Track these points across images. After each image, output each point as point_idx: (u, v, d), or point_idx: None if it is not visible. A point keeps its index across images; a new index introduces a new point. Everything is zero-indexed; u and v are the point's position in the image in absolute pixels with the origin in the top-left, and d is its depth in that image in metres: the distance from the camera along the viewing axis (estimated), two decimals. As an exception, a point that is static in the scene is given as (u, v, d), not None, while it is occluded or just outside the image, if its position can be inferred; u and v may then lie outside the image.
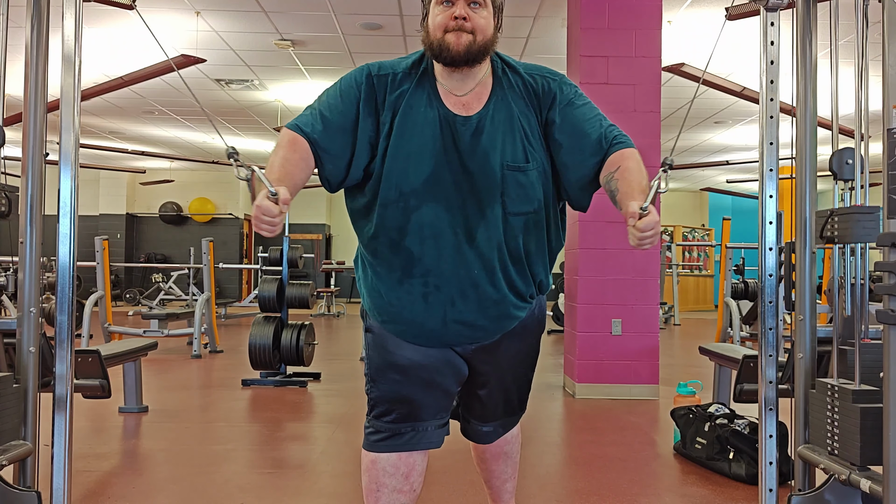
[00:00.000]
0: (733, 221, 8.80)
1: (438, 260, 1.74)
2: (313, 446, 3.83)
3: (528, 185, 1.76)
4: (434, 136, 1.73)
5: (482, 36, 1.71)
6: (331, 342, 8.94)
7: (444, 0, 1.70)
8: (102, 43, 7.20)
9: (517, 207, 1.76)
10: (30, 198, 2.15)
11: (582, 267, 5.24)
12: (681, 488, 3.15)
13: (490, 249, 1.75)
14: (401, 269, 1.77)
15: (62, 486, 2.10)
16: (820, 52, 2.23)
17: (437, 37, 1.71)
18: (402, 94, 1.76)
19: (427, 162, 1.72)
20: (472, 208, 1.74)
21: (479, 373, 1.92)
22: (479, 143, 1.73)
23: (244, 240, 16.72)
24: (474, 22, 1.70)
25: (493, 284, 1.78)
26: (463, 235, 1.74)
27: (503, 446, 2.13)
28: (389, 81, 1.76)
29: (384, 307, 1.82)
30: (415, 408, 1.83)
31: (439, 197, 1.73)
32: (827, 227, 2.06)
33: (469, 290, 1.77)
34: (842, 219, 1.99)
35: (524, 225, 1.79)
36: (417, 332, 1.81)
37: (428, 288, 1.76)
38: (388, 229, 1.75)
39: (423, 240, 1.74)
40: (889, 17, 1.76)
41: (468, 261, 1.75)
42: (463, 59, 1.71)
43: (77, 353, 3.42)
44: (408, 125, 1.73)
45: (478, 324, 1.81)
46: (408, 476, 1.85)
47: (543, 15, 6.37)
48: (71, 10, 2.11)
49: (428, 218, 1.73)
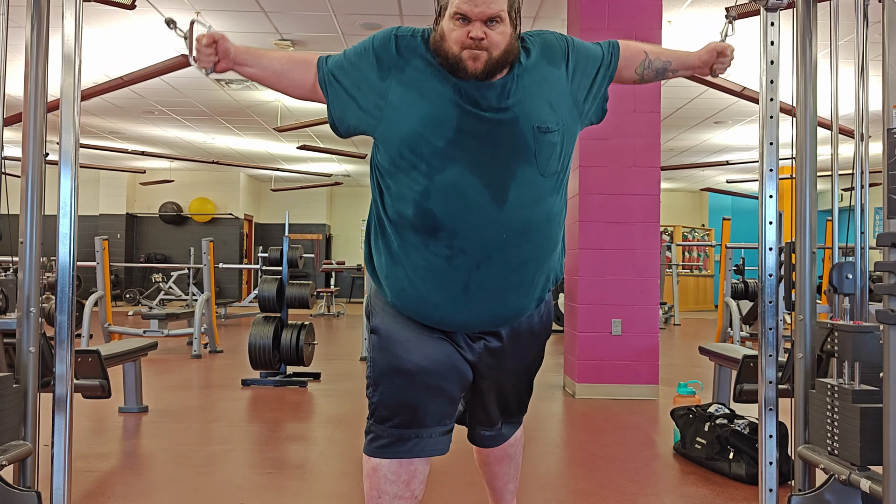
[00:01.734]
0: (733, 221, 8.80)
1: (463, 222, 1.71)
2: (313, 446, 3.83)
3: (557, 145, 1.75)
4: (452, 101, 1.70)
5: (499, 50, 1.68)
6: (331, 342, 8.93)
7: (460, 17, 1.66)
8: (102, 43, 7.20)
9: (550, 168, 1.75)
10: (30, 198, 2.15)
11: (582, 267, 5.24)
12: (681, 488, 3.15)
13: (520, 210, 1.73)
14: (424, 231, 1.73)
15: (62, 486, 2.10)
16: (820, 52, 2.23)
17: (452, 52, 1.68)
18: (423, 58, 1.74)
19: (447, 126, 1.69)
20: (500, 170, 1.71)
21: (483, 377, 1.90)
22: (507, 107, 1.71)
23: (244, 240, 16.72)
24: (491, 39, 1.66)
25: (519, 245, 1.75)
26: (490, 198, 1.71)
27: (507, 449, 2.13)
28: (413, 44, 1.75)
29: (402, 277, 1.78)
30: (419, 414, 1.79)
31: (464, 159, 1.70)
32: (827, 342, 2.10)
33: (495, 252, 1.73)
34: (842, 336, 2.03)
35: (553, 185, 1.78)
36: (436, 302, 1.76)
37: (453, 250, 1.73)
38: (413, 191, 1.73)
39: (446, 201, 1.71)
40: (889, 17, 1.76)
41: (495, 223, 1.72)
42: (483, 77, 1.69)
43: (77, 353, 3.42)
44: (425, 90, 1.72)
45: (498, 293, 1.77)
46: (409, 483, 1.81)
47: (543, 15, 6.37)
48: (71, 10, 2.11)
49: (451, 179, 1.70)
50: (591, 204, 5.23)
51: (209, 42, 1.73)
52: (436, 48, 1.72)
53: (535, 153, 1.72)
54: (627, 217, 5.23)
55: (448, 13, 1.68)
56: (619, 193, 5.24)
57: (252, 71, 1.81)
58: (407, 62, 1.74)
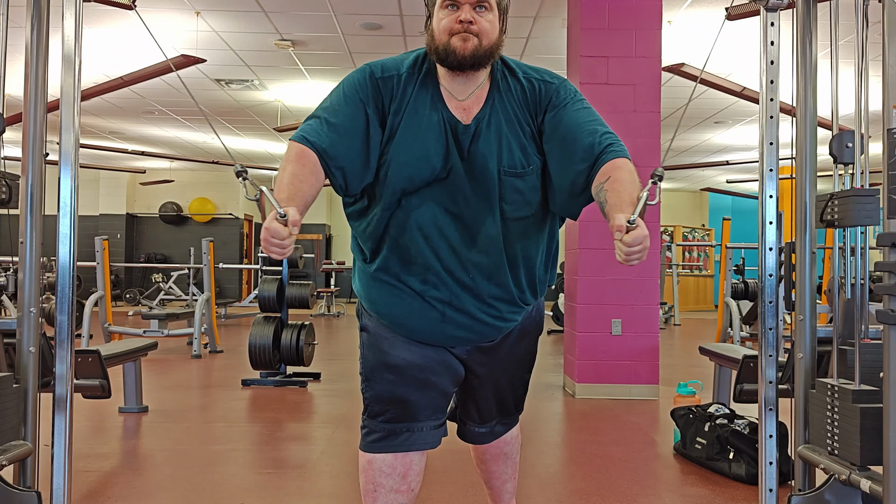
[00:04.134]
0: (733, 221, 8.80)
1: (436, 259, 1.74)
2: (313, 446, 3.83)
3: (525, 191, 1.75)
4: (439, 139, 1.72)
5: (487, 40, 1.70)
6: (331, 342, 8.93)
7: (449, 4, 1.69)
8: (102, 43, 7.20)
9: (516, 213, 1.76)
10: (30, 198, 2.15)
11: (582, 267, 5.24)
12: (681, 488, 3.15)
13: (488, 253, 1.75)
14: (399, 266, 1.77)
15: (62, 486, 2.10)
16: (820, 52, 2.23)
17: (442, 41, 1.69)
18: (407, 96, 1.74)
19: (431, 164, 1.72)
20: (471, 212, 1.74)
21: (475, 374, 1.91)
22: (477, 148, 1.73)
23: (244, 240, 16.72)
24: (480, 25, 1.68)
25: (490, 288, 1.78)
26: (461, 238, 1.74)
27: (503, 447, 2.13)
28: (395, 84, 1.75)
29: (380, 300, 1.82)
30: (410, 408, 1.82)
31: (441, 199, 1.73)
32: (827, 211, 2.05)
33: (465, 291, 1.77)
34: (841, 202, 1.98)
35: (523, 230, 1.78)
36: (414, 327, 1.80)
37: (426, 285, 1.76)
38: (388, 227, 1.75)
39: (421, 238, 1.74)
40: (889, 17, 1.76)
41: (465, 263, 1.75)
42: (469, 62, 1.70)
43: (77, 353, 3.42)
44: (412, 128, 1.72)
45: (474, 327, 1.80)
46: (405, 476, 1.84)
47: (543, 15, 6.37)
48: (71, 10, 2.11)
49: (428, 218, 1.73)
50: (591, 204, 5.22)
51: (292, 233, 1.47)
52: (429, 43, 1.74)
53: (500, 197, 1.73)
54: (628, 217, 5.22)
55: (438, 4, 1.71)
56: (619, 193, 5.22)
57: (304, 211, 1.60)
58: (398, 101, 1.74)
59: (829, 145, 2.05)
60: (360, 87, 1.74)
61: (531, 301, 1.89)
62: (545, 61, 7.36)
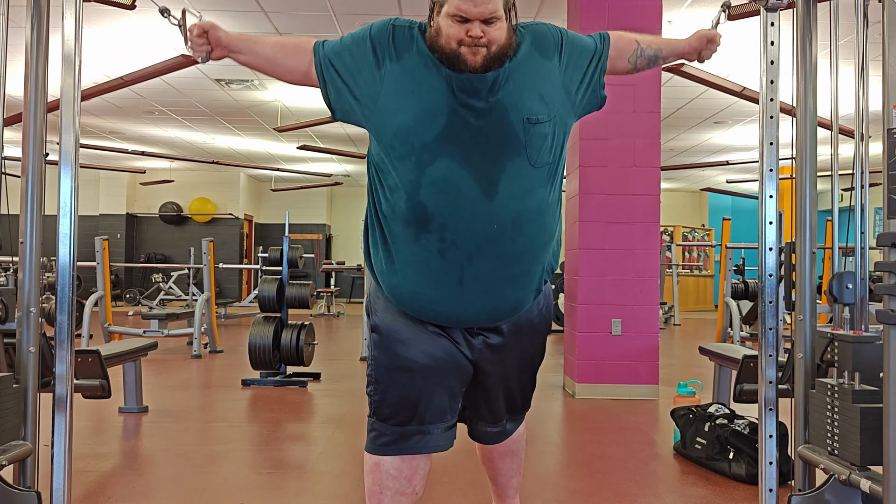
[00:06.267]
0: (733, 221, 8.79)
1: (454, 215, 1.71)
2: (313, 446, 3.83)
3: (548, 136, 1.75)
4: (444, 95, 1.71)
5: (498, 45, 1.68)
6: (331, 342, 8.93)
7: (458, 18, 1.66)
8: (102, 43, 7.20)
9: (541, 158, 1.75)
10: (30, 198, 2.15)
11: (582, 267, 5.24)
12: (681, 488, 3.15)
13: (511, 201, 1.73)
14: (416, 224, 1.73)
15: (62, 486, 2.10)
16: (820, 52, 2.23)
17: (451, 47, 1.68)
18: (418, 51, 1.73)
19: (438, 119, 1.70)
20: (491, 162, 1.71)
21: (485, 374, 1.90)
22: (497, 99, 1.71)
23: (244, 240, 16.72)
24: (490, 36, 1.67)
25: (512, 239, 1.75)
26: (481, 190, 1.71)
27: (510, 444, 2.13)
28: (408, 37, 1.75)
29: (396, 272, 1.78)
30: (420, 411, 1.81)
31: (454, 152, 1.71)
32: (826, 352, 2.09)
33: (487, 246, 1.73)
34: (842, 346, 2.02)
35: (546, 176, 1.78)
36: (431, 297, 1.77)
37: (444, 243, 1.72)
38: (404, 182, 1.73)
39: (437, 194, 1.71)
40: (889, 17, 1.76)
41: (486, 215, 1.72)
42: (481, 70, 1.69)
43: (77, 353, 3.42)
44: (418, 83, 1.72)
45: (493, 287, 1.77)
46: (411, 479, 1.83)
47: (543, 15, 6.37)
48: (71, 10, 2.11)
49: (441, 172, 1.70)
50: (591, 204, 5.23)
51: (200, 33, 1.81)
52: (432, 43, 1.72)
53: (525, 145, 1.72)
54: (627, 217, 5.23)
55: (445, 11, 1.68)
56: (619, 193, 5.24)
57: (245, 58, 1.86)
58: (401, 54, 1.74)
59: (829, 285, 2.07)
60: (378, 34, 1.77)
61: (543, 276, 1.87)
62: (545, 61, 7.34)
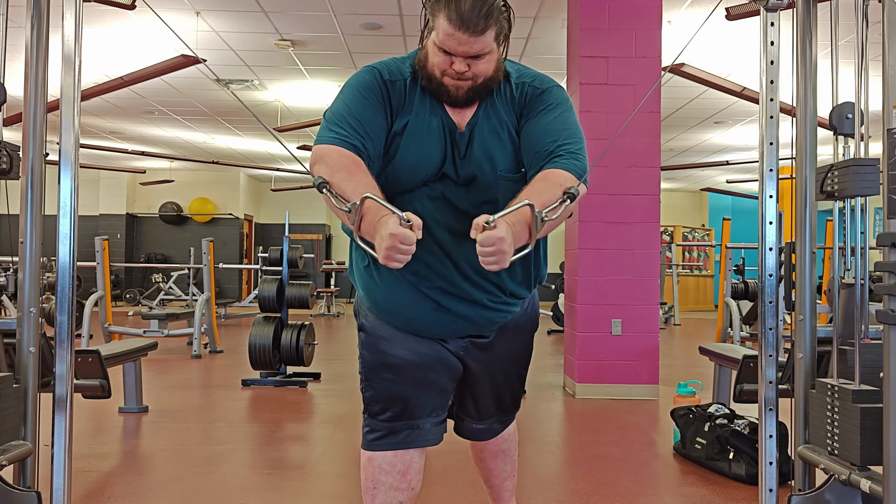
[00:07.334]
0: (733, 221, 8.80)
1: (429, 253, 1.74)
2: (313, 447, 3.83)
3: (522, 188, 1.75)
4: (440, 143, 1.73)
5: (483, 77, 1.69)
6: (331, 342, 8.94)
7: (443, 51, 1.64)
8: (102, 43, 7.20)
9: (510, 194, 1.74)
10: (30, 198, 2.15)
11: (582, 267, 5.24)
12: (681, 488, 3.15)
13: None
14: None
15: (62, 486, 2.10)
16: (820, 52, 2.23)
17: (435, 75, 1.69)
18: (413, 101, 1.75)
19: (431, 167, 1.73)
20: (466, 209, 1.73)
21: (472, 371, 1.92)
22: (472, 153, 1.74)
23: (244, 240, 16.72)
24: (475, 70, 1.66)
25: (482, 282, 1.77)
26: (452, 235, 1.74)
27: (501, 444, 2.14)
28: (399, 88, 1.75)
29: (375, 290, 1.82)
30: (410, 406, 1.83)
31: (435, 196, 1.74)
32: (827, 182, 2.04)
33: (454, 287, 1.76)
34: (841, 172, 1.97)
35: None
36: (410, 316, 1.80)
37: (418, 277, 1.76)
38: None
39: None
40: (889, 17, 1.76)
41: (458, 258, 1.74)
42: (463, 103, 1.71)
43: (77, 353, 3.42)
44: (418, 132, 1.73)
45: (469, 316, 1.80)
46: (404, 473, 1.85)
47: (543, 15, 6.37)
48: (71, 10, 2.11)
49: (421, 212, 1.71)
50: (591, 204, 5.23)
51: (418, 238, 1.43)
52: (420, 66, 1.73)
53: (497, 197, 1.73)
54: (627, 217, 5.23)
55: (433, 39, 1.66)
56: (619, 193, 5.24)
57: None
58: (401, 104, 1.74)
59: (829, 116, 2.04)
60: (374, 85, 1.73)
61: (524, 294, 1.89)
62: (545, 61, 7.36)
